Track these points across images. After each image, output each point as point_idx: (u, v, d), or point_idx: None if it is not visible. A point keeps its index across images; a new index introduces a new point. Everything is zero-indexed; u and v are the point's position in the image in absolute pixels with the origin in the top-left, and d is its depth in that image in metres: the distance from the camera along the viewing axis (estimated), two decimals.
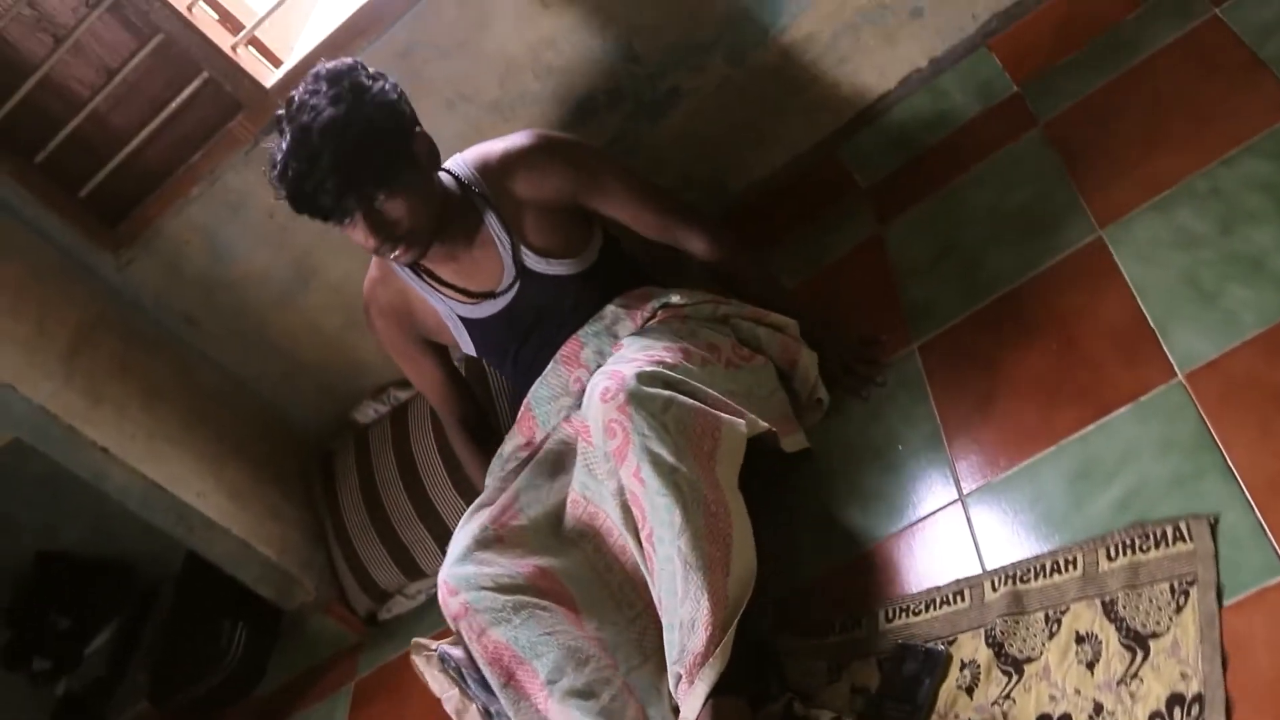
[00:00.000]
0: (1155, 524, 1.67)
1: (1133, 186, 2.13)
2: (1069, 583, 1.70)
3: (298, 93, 2.01)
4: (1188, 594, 1.57)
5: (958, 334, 2.21)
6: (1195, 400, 1.77)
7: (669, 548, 1.82)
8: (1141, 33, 2.39)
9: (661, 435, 1.86)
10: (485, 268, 2.24)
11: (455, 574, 1.97)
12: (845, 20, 2.46)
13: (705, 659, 1.77)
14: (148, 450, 2.65)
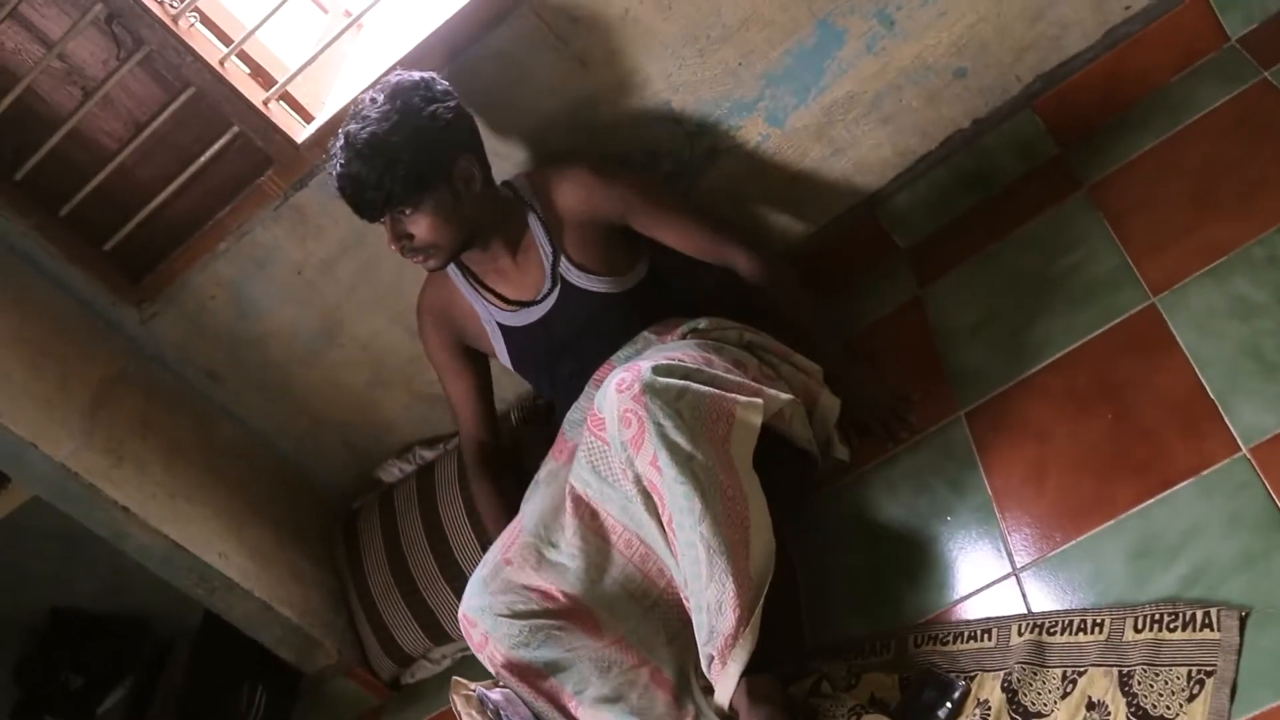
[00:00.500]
0: (1187, 605, 1.65)
1: (1185, 253, 2.09)
2: (1092, 645, 1.71)
3: (366, 96, 2.19)
4: (1203, 684, 1.55)
5: (1006, 401, 2.16)
6: (1261, 475, 1.72)
7: (690, 533, 1.87)
8: (1188, 95, 2.36)
9: (677, 422, 1.89)
10: (526, 276, 2.35)
11: (471, 606, 2.06)
12: (888, 81, 2.43)
13: (735, 639, 1.85)
14: (169, 510, 2.59)
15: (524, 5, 2.32)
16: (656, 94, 2.43)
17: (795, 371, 2.25)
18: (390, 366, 2.84)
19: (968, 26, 2.36)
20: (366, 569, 2.80)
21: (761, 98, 2.44)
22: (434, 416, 2.93)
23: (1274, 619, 1.57)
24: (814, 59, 2.40)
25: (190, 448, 2.76)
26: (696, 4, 2.31)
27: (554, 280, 2.33)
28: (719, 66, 2.40)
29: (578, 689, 1.97)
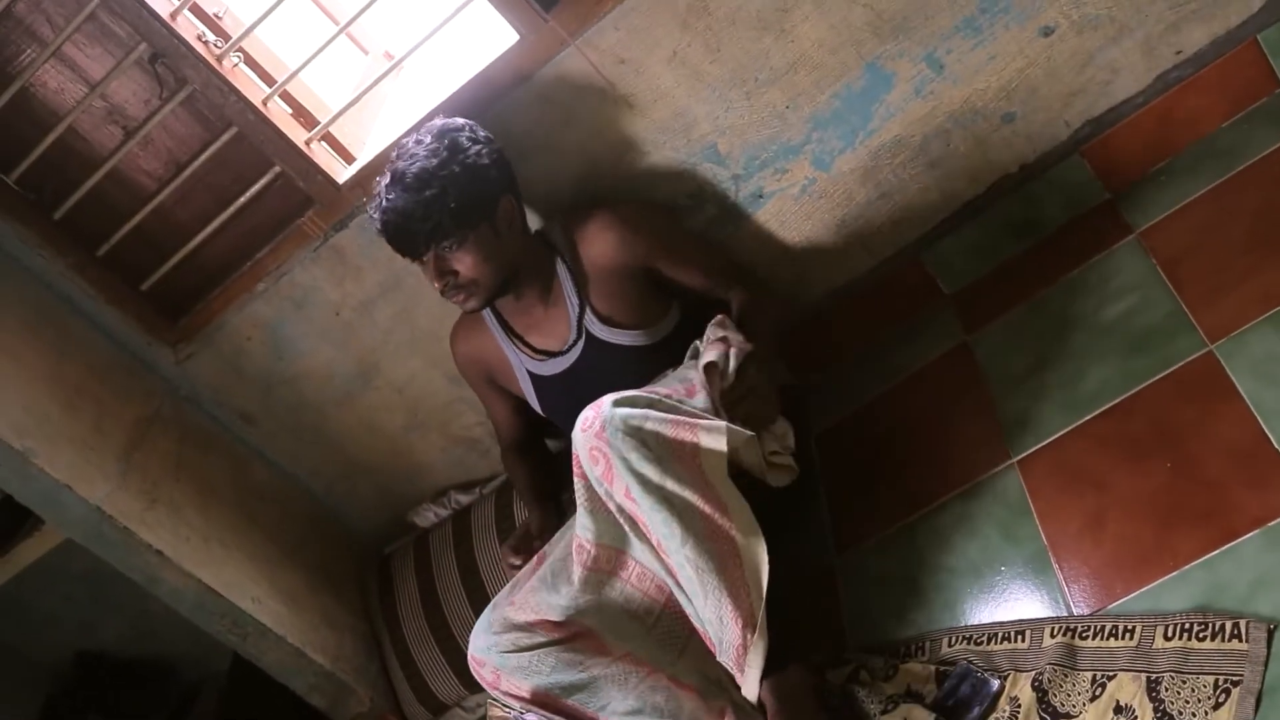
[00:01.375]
0: (1216, 615, 1.67)
1: (1243, 300, 2.06)
2: (1122, 650, 1.74)
3: (410, 139, 2.23)
4: (1228, 693, 1.58)
5: (1061, 449, 2.12)
6: None
7: (678, 556, 1.93)
8: (1240, 141, 2.33)
9: (643, 452, 1.92)
10: (554, 326, 2.37)
11: (478, 647, 2.12)
12: (936, 125, 2.41)
13: (746, 646, 1.91)
14: (203, 553, 2.56)
15: (570, 47, 2.31)
16: (703, 136, 2.41)
17: None
18: (426, 410, 2.82)
19: (1017, 71, 2.34)
20: (400, 614, 2.76)
21: (809, 141, 2.43)
22: (469, 460, 2.91)
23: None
24: (862, 102, 2.38)
25: (224, 490, 2.73)
26: (745, 46, 2.30)
27: (579, 332, 2.34)
28: (766, 109, 2.38)
29: (601, 706, 2.02)
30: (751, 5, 2.26)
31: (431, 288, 2.27)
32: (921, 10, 2.27)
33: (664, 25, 2.28)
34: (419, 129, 2.25)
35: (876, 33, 2.29)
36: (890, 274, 2.62)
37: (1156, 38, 2.32)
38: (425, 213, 2.14)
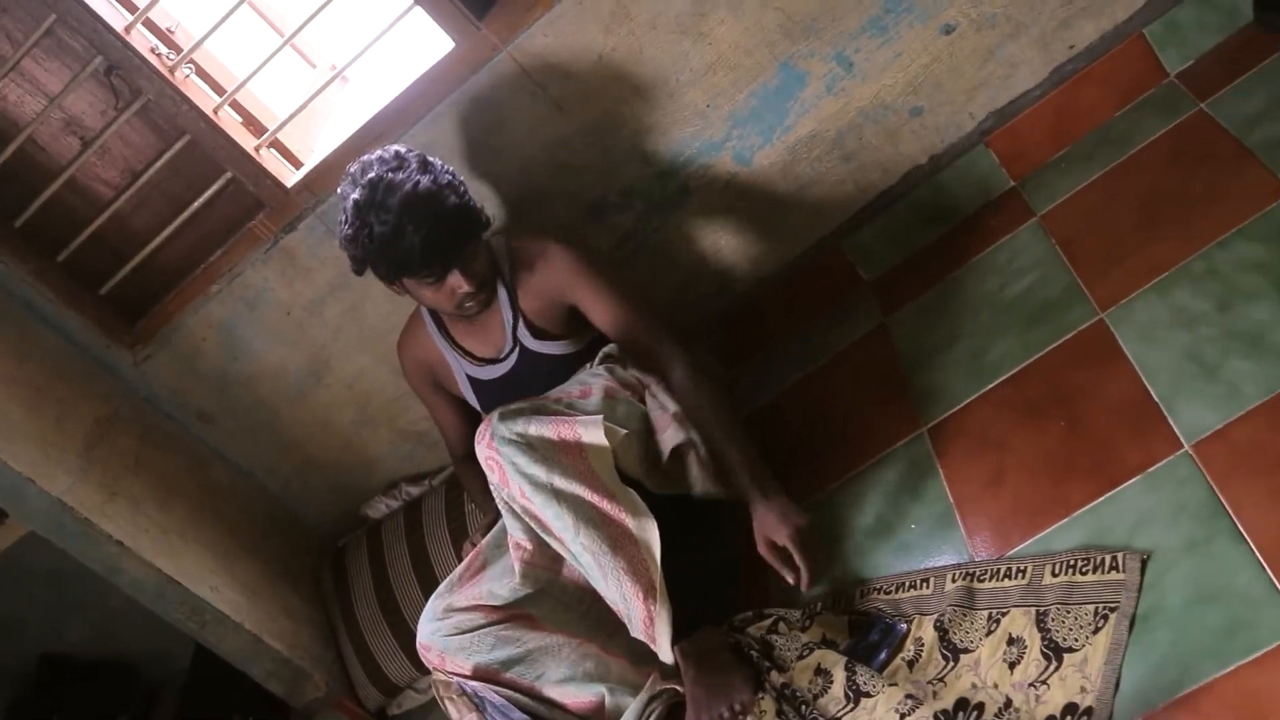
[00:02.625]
0: (1098, 550, 1.84)
1: (1130, 271, 2.21)
2: (1014, 589, 1.90)
3: (375, 171, 2.19)
4: (1107, 619, 1.75)
5: (966, 416, 2.27)
6: (1203, 469, 1.82)
7: (574, 545, 2.08)
8: (1132, 128, 2.50)
9: (530, 455, 2.07)
10: (492, 336, 2.45)
11: (423, 633, 2.26)
12: (849, 120, 2.56)
13: (651, 617, 2.05)
14: (162, 545, 2.66)
15: (502, 53, 2.45)
16: (629, 135, 2.56)
17: None
18: (375, 405, 2.93)
19: (922, 67, 2.50)
20: (354, 602, 2.87)
21: (729, 138, 2.57)
22: (419, 453, 3.03)
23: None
24: (778, 100, 2.53)
25: (183, 486, 2.84)
26: (666, 49, 2.45)
27: (513, 343, 2.42)
28: (688, 109, 2.53)
29: (537, 675, 2.18)
30: (671, 10, 2.41)
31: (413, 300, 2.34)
32: (830, 12, 2.43)
33: (589, 31, 2.43)
34: (370, 164, 2.21)
35: (788, 34, 2.45)
36: (813, 263, 2.76)
37: (1050, 34, 2.48)
38: (458, 223, 2.19)
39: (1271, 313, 1.94)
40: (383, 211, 2.15)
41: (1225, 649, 1.61)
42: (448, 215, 2.17)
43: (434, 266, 2.20)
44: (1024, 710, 1.73)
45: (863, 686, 1.91)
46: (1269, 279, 1.99)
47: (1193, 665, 1.63)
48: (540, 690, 2.17)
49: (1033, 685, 1.75)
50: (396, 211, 2.14)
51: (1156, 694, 1.63)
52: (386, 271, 2.22)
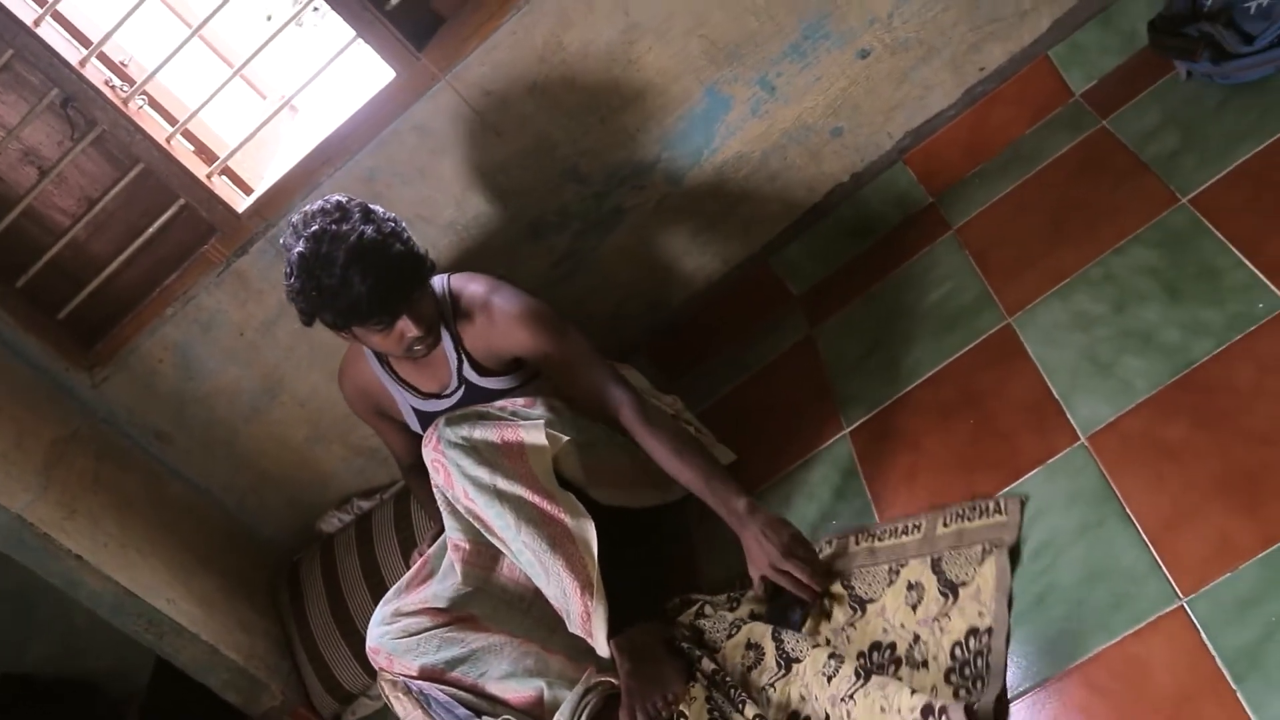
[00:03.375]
0: (983, 499, 2.07)
1: (1036, 278, 2.35)
2: (912, 543, 2.11)
3: (318, 224, 2.18)
4: (992, 553, 1.95)
5: (884, 418, 2.40)
6: (1096, 459, 1.96)
7: (515, 544, 2.20)
8: (1040, 144, 2.65)
9: (475, 458, 2.20)
10: (437, 373, 2.45)
11: (372, 637, 2.35)
12: (773, 141, 2.69)
13: (589, 612, 2.17)
14: (120, 559, 2.73)
15: (441, 82, 2.56)
16: (565, 158, 2.68)
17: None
18: (327, 422, 3.03)
19: (840, 90, 2.64)
20: (309, 612, 2.95)
21: (660, 160, 2.70)
22: (370, 469, 3.12)
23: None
24: (705, 123, 2.66)
25: (141, 504, 2.92)
26: (597, 77, 2.57)
27: (459, 380, 2.44)
28: (620, 132, 2.65)
29: (480, 674, 2.27)
30: (601, 40, 2.53)
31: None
32: (752, 39, 2.56)
33: (524, 60, 2.55)
34: (313, 216, 2.21)
35: (713, 61, 2.58)
36: (743, 278, 2.89)
37: (961, 57, 2.62)
38: (404, 271, 2.18)
39: (1161, 313, 2.08)
40: (328, 264, 2.14)
41: (1112, 622, 1.74)
42: (393, 263, 2.17)
43: (383, 315, 2.19)
44: (931, 641, 1.91)
45: (791, 653, 2.05)
46: (1160, 282, 2.13)
47: (1083, 638, 1.76)
48: (483, 687, 2.26)
49: (935, 620, 1.93)
50: (342, 263, 2.13)
51: (1051, 666, 1.76)
52: (335, 321, 2.23)
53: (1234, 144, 2.26)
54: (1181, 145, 2.35)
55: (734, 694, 2.05)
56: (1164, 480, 1.85)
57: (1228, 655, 1.59)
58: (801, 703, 1.99)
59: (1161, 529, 1.79)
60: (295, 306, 2.25)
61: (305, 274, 2.17)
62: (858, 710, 1.86)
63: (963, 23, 2.58)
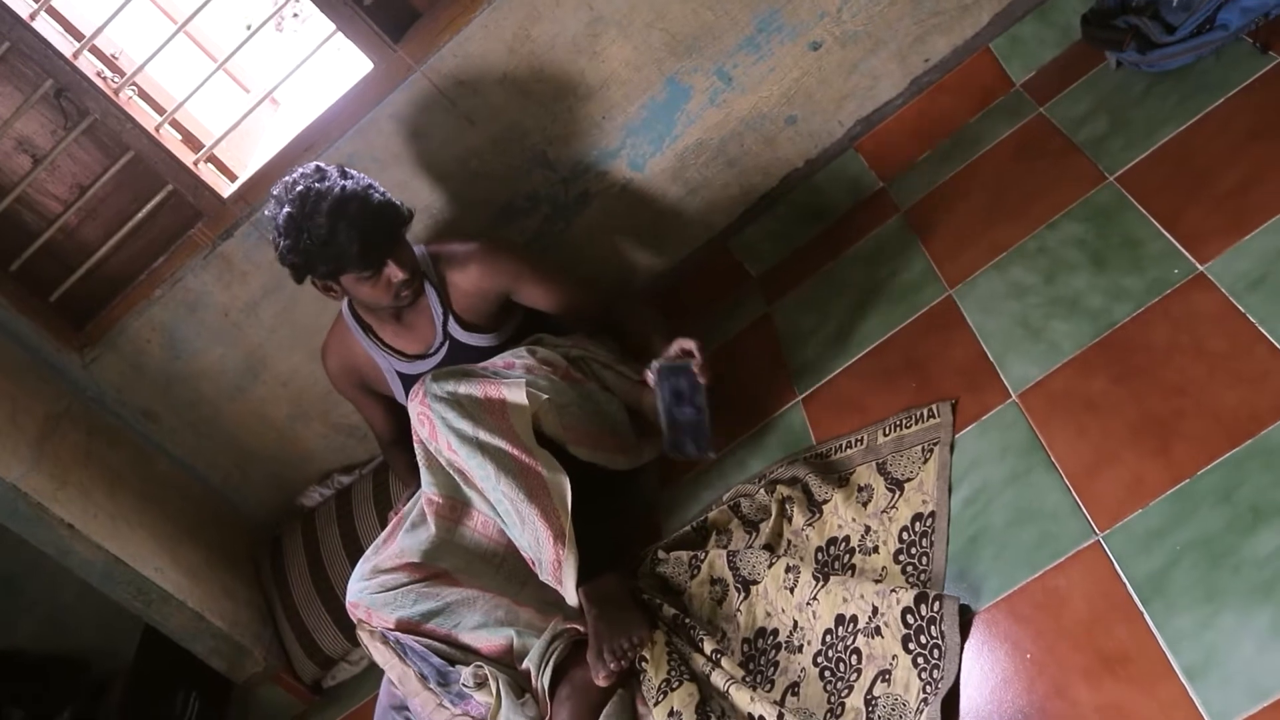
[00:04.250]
0: (917, 408, 2.29)
1: (976, 253, 2.51)
2: (857, 454, 2.34)
3: (303, 185, 2.41)
4: (932, 451, 2.19)
5: (834, 386, 2.55)
6: (1026, 414, 2.11)
7: (496, 493, 2.32)
8: (983, 131, 2.81)
9: (459, 411, 2.32)
10: (420, 333, 2.67)
11: (351, 593, 2.48)
12: (730, 129, 2.85)
13: (560, 561, 2.30)
14: (109, 529, 2.86)
15: (417, 73, 2.71)
16: (534, 145, 2.82)
17: (619, 377, 2.63)
18: (309, 400, 3.16)
19: (794, 80, 2.79)
20: (290, 582, 3.07)
21: (624, 146, 2.85)
22: (349, 446, 3.25)
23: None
24: (666, 112, 2.81)
25: (129, 479, 3.04)
26: (563, 67, 2.72)
27: (444, 337, 2.67)
28: (585, 120, 2.80)
29: (454, 625, 2.39)
30: (567, 32, 2.68)
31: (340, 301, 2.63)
32: (709, 31, 2.71)
33: (495, 51, 2.69)
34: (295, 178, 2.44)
35: (673, 52, 2.73)
36: (704, 260, 3.04)
37: (907, 48, 2.78)
38: (386, 217, 2.42)
39: (1087, 281, 2.24)
40: (316, 217, 2.38)
41: (1035, 558, 1.90)
42: (375, 211, 2.41)
43: (370, 260, 2.42)
44: (881, 530, 2.14)
45: (749, 576, 2.21)
46: (1087, 253, 2.29)
47: (1009, 574, 1.91)
48: (456, 637, 2.38)
49: (884, 512, 2.16)
50: (328, 215, 2.37)
51: (980, 601, 1.90)
52: (326, 272, 2.45)
53: (1157, 127, 2.42)
54: (1110, 129, 2.51)
55: (694, 634, 2.19)
56: (1085, 431, 2.00)
57: (1137, 582, 1.74)
58: (768, 618, 2.16)
59: (1082, 474, 1.94)
60: (287, 266, 2.47)
61: (295, 231, 2.40)
62: (822, 608, 2.05)
63: (908, 16, 2.74)
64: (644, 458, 2.64)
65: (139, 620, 3.34)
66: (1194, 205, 2.20)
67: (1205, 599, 1.65)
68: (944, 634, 1.86)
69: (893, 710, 1.85)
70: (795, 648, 2.08)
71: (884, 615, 1.94)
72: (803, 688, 2.02)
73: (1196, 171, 2.27)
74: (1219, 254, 2.07)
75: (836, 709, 1.93)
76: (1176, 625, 1.66)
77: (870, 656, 1.94)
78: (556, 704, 2.24)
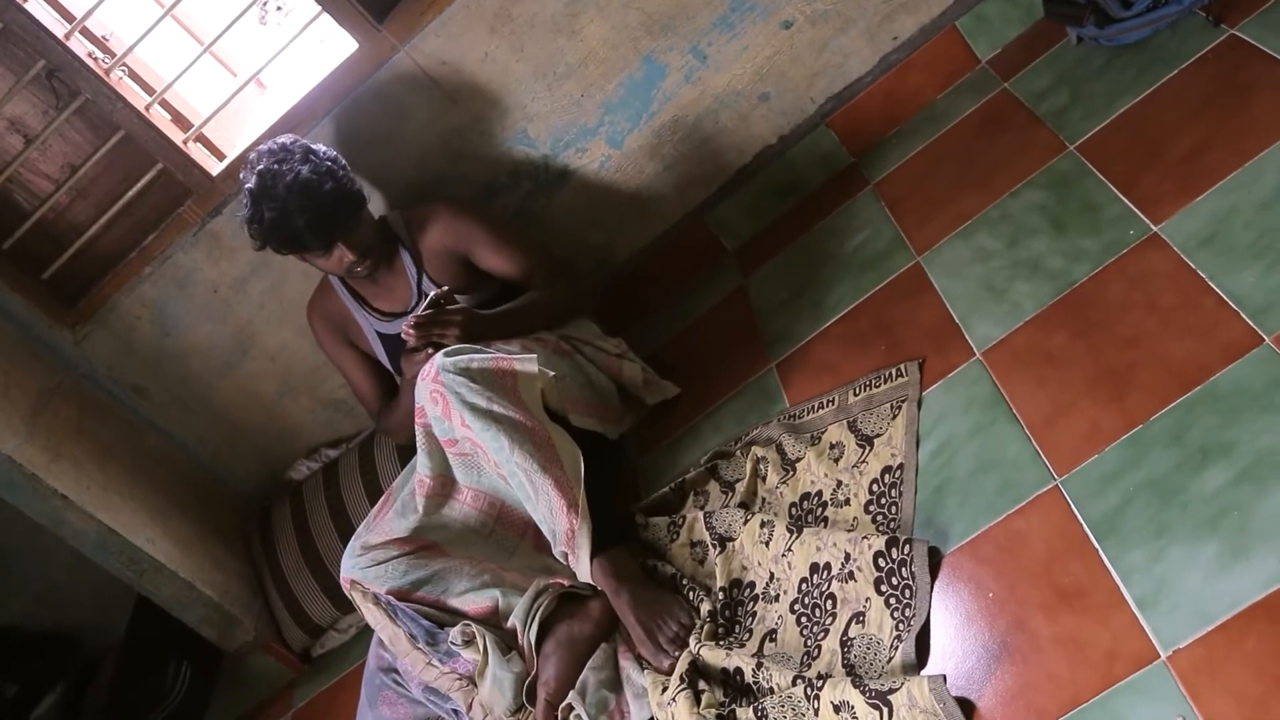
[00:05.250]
0: (886, 368, 2.39)
1: (943, 222, 2.60)
2: (828, 414, 2.43)
3: (263, 165, 2.55)
4: (900, 407, 2.29)
5: (807, 351, 2.64)
6: (989, 370, 2.20)
7: (509, 465, 2.35)
8: (950, 106, 2.91)
9: (471, 387, 2.37)
10: (398, 292, 2.79)
11: (344, 568, 2.54)
12: (705, 106, 2.93)
13: (573, 531, 2.32)
14: (102, 500, 2.92)
15: (400, 52, 2.79)
16: (515, 124, 2.90)
17: (598, 351, 2.73)
18: (296, 375, 3.22)
19: (766, 58, 2.88)
20: (279, 551, 3.14)
21: (602, 124, 2.93)
22: (336, 420, 3.32)
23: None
24: (643, 89, 2.90)
25: (120, 453, 3.10)
26: (543, 46, 2.80)
27: (419, 295, 2.77)
28: (565, 98, 2.88)
29: (442, 590, 2.46)
30: (546, 11, 2.76)
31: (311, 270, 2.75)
32: (684, 11, 2.80)
33: (476, 31, 2.77)
34: (262, 155, 2.57)
35: (649, 31, 2.81)
36: (681, 235, 3.13)
37: (876, 27, 2.87)
38: (335, 205, 2.53)
39: (1048, 244, 2.33)
40: (272, 200, 2.52)
41: (997, 504, 1.99)
42: (325, 199, 2.52)
43: (319, 242, 2.56)
44: (852, 484, 2.23)
45: (725, 533, 2.30)
46: (1048, 218, 2.39)
47: (973, 520, 2.01)
48: (445, 602, 2.45)
49: (855, 466, 2.26)
50: (282, 199, 2.51)
51: (947, 545, 1.99)
52: (280, 248, 2.60)
53: (1115, 98, 2.52)
54: (1070, 101, 2.60)
55: (693, 595, 2.26)
56: (1045, 383, 2.09)
57: (1092, 522, 1.83)
58: (744, 571, 2.24)
59: (1042, 424, 2.04)
60: (251, 236, 2.61)
61: (254, 206, 2.57)
62: (796, 558, 2.14)
63: None
64: (626, 426, 2.74)
65: (129, 597, 3.43)
66: (1149, 170, 2.30)
67: (1155, 535, 1.75)
68: (914, 575, 1.95)
69: (868, 649, 1.93)
70: (772, 598, 2.16)
71: (856, 561, 2.03)
72: (780, 634, 2.10)
73: (1152, 139, 2.37)
74: (1172, 215, 2.17)
75: (813, 651, 2.01)
76: (1129, 560, 1.75)
77: (844, 600, 2.02)
78: (542, 658, 2.32)
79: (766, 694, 1.97)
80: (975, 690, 1.78)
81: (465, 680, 2.39)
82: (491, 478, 2.47)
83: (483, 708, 2.37)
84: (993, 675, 1.78)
